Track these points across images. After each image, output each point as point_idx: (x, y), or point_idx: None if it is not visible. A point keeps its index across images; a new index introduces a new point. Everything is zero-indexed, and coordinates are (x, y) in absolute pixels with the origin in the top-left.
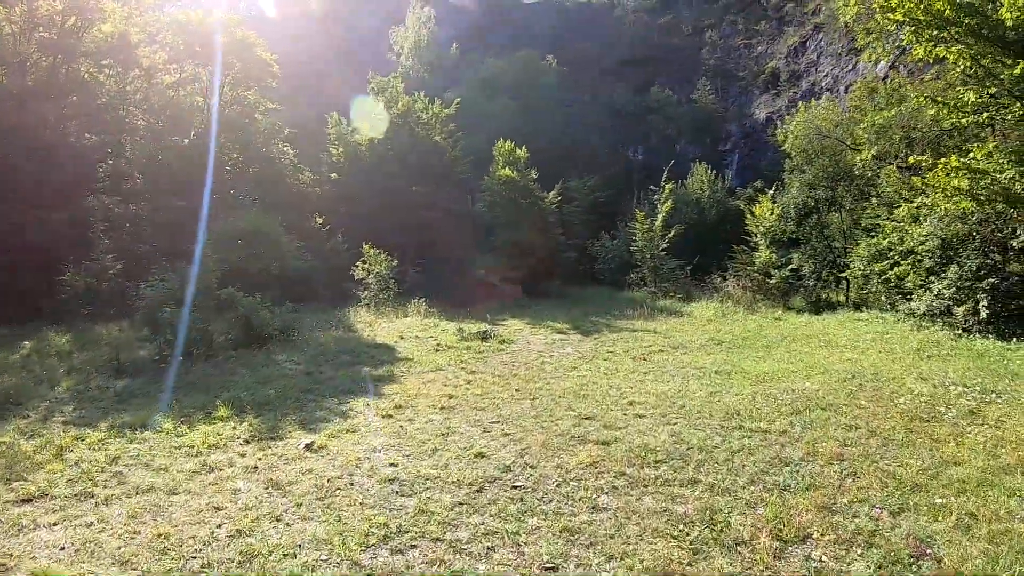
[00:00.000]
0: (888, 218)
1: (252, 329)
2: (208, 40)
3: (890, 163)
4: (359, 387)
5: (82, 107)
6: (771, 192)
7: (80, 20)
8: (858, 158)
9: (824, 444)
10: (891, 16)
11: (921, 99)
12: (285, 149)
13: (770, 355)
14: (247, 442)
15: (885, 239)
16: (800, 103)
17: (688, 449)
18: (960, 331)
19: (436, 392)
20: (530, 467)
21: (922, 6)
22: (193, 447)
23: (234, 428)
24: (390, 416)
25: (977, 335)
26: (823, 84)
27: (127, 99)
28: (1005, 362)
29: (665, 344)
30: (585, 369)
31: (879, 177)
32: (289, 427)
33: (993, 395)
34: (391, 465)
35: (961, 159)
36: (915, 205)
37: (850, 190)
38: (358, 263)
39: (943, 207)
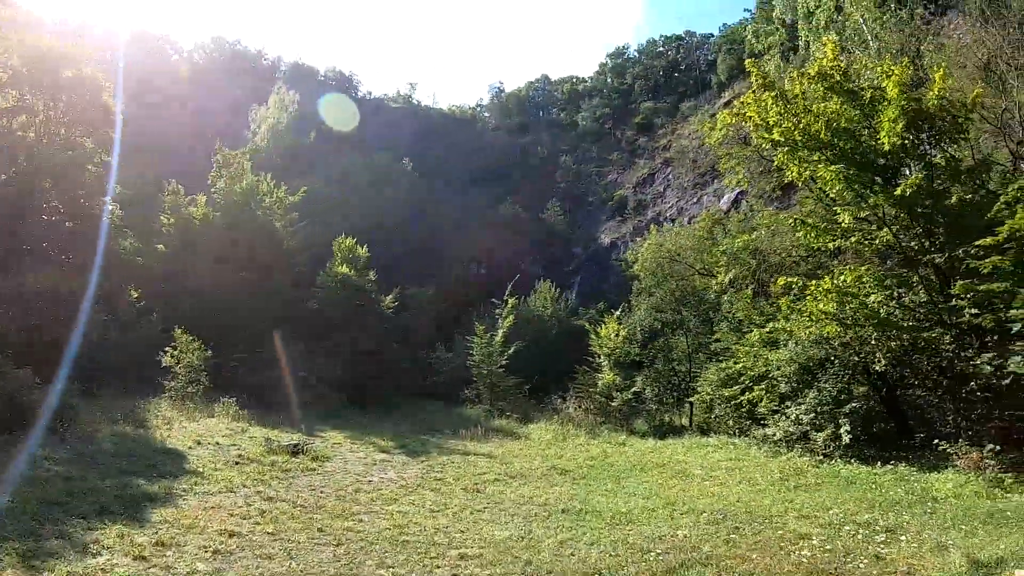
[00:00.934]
0: (739, 342)
1: (15, 411)
2: (55, 71)
3: (739, 288)
4: (123, 508)
5: None
6: (617, 313)
7: None
8: (714, 283)
9: None
10: (766, 136)
11: (789, 221)
12: (110, 208)
13: (622, 488)
14: None
15: (737, 363)
16: (653, 226)
17: None
18: (821, 457)
19: (216, 525)
20: None
21: (800, 126)
22: None
23: None
24: (144, 558)
25: (839, 460)
26: (668, 215)
27: None
28: (881, 490)
29: (502, 472)
30: (407, 502)
31: (729, 302)
32: (4, 559)
33: (889, 533)
34: None
35: (834, 281)
36: (767, 330)
37: (696, 314)
38: (168, 348)
39: (806, 331)
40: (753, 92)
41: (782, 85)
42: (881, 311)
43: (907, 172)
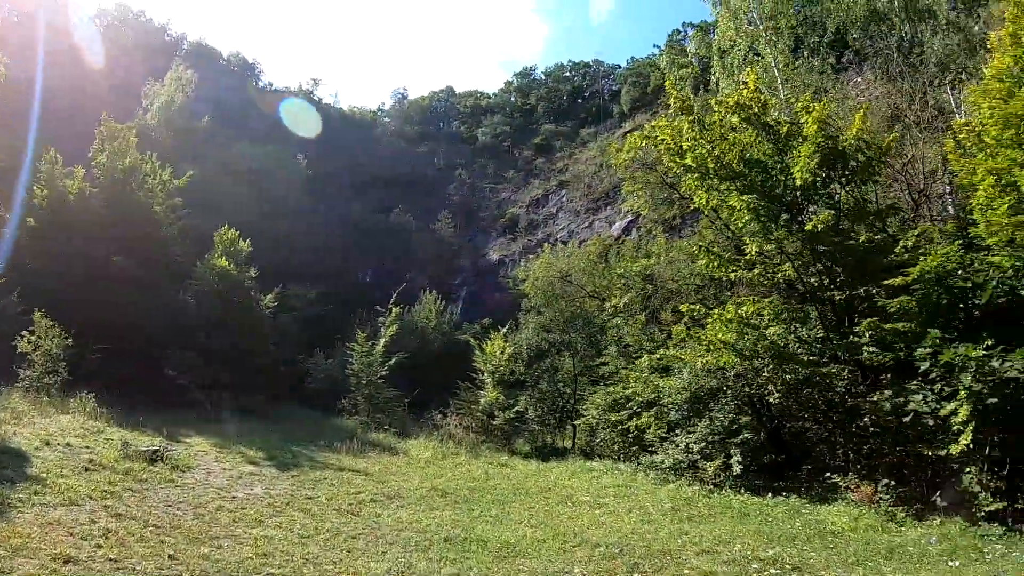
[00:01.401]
0: (628, 367)
1: None
2: None
3: (632, 313)
4: None
5: None
6: (503, 330)
7: None
8: (607, 305)
9: None
10: (678, 160)
11: (691, 249)
12: None
13: (507, 515)
14: None
15: (627, 388)
16: (547, 245)
17: None
18: (711, 486)
19: (51, 548)
20: None
21: (714, 154)
22: None
23: None
24: None
25: (729, 491)
26: (559, 236)
27: None
28: (776, 523)
29: (379, 491)
30: (274, 525)
31: (618, 326)
32: None
33: (797, 571)
34: None
35: (737, 311)
36: (657, 356)
37: (584, 336)
38: (25, 332)
39: (701, 360)
40: (667, 116)
41: (700, 112)
42: (780, 343)
43: (812, 209)
